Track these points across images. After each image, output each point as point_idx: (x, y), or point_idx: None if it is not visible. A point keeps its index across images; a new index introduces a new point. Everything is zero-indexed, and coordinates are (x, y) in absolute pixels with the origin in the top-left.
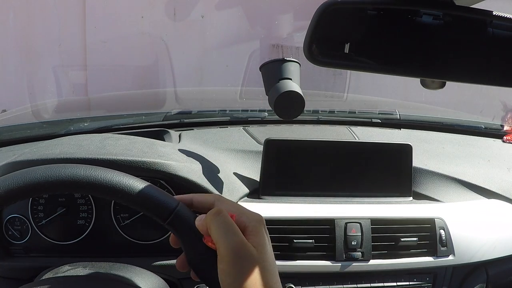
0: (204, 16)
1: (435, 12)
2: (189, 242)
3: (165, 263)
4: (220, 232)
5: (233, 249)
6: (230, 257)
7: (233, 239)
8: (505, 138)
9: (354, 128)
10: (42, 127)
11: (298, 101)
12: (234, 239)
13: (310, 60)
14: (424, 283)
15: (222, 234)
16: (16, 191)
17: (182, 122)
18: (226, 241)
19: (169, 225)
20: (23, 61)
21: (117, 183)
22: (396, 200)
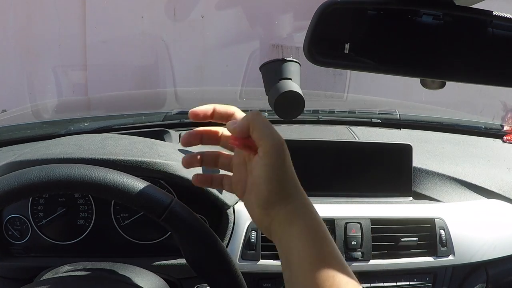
0: (204, 16)
1: (435, 12)
2: (186, 238)
3: (165, 263)
4: (266, 129)
5: (278, 143)
6: (276, 150)
7: (277, 136)
8: (505, 138)
9: (354, 128)
10: (42, 127)
11: (298, 101)
12: (278, 136)
13: (310, 60)
14: (424, 283)
15: (268, 130)
16: (13, 192)
17: (182, 122)
18: (272, 136)
19: (164, 222)
20: (23, 61)
21: (111, 182)
22: (396, 200)
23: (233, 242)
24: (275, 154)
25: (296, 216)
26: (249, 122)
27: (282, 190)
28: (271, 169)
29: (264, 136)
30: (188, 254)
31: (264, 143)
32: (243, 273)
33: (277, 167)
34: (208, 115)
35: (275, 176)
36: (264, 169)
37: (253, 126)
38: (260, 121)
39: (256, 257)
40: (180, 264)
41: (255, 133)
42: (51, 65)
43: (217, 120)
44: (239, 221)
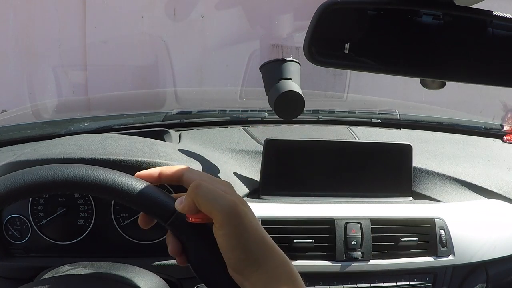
0: (204, 16)
1: (435, 12)
2: (191, 242)
3: (165, 263)
4: (210, 201)
5: (228, 209)
6: (227, 218)
7: (224, 202)
8: (505, 138)
9: (354, 128)
10: (42, 127)
11: (298, 101)
12: (225, 202)
13: (310, 60)
14: (424, 283)
15: (212, 201)
16: (17, 191)
17: (182, 122)
18: (218, 206)
19: (170, 226)
20: (23, 61)
21: (119, 184)
22: (396, 200)
23: None
24: (230, 223)
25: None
26: (192, 199)
27: (249, 255)
28: (230, 239)
29: (211, 208)
30: (191, 257)
31: (214, 214)
32: None
33: (236, 235)
34: (155, 178)
35: (237, 243)
36: (224, 239)
37: (197, 202)
38: (202, 194)
39: None
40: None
41: (202, 207)
42: (51, 65)
43: (167, 182)
44: None
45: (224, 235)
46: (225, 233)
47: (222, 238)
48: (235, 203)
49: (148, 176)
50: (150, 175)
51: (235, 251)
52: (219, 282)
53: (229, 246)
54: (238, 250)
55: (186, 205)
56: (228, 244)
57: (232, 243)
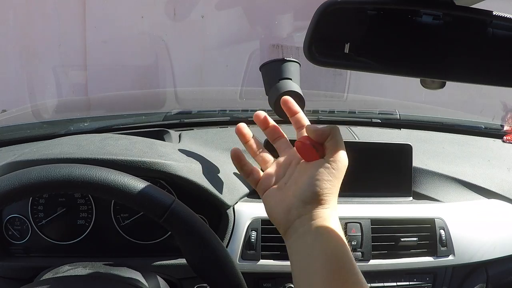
0: (204, 16)
1: (435, 12)
2: (186, 239)
3: (165, 263)
4: (341, 143)
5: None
6: (342, 161)
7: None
8: (505, 138)
9: (354, 128)
10: (42, 127)
11: (298, 101)
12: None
13: (310, 60)
14: (424, 283)
15: (342, 145)
16: (13, 192)
17: (182, 122)
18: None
19: (164, 222)
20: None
21: (112, 182)
22: (396, 200)
23: (233, 242)
24: (341, 165)
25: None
26: (330, 131)
27: (329, 194)
28: (333, 174)
29: (340, 147)
30: (188, 254)
31: (338, 152)
32: (243, 273)
33: (337, 175)
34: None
35: (333, 180)
36: (327, 171)
37: (333, 135)
38: (339, 134)
39: (256, 257)
40: (180, 264)
41: (332, 141)
42: (51, 65)
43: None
44: (239, 221)
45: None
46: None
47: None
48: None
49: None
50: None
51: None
52: (216, 277)
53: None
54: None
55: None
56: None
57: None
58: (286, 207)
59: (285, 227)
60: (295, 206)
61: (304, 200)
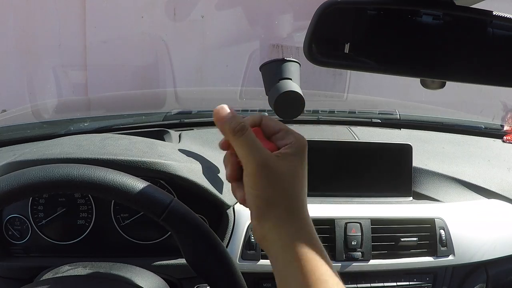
0: (204, 16)
1: (435, 12)
2: (185, 238)
3: (165, 263)
4: (245, 150)
5: (258, 162)
6: (257, 170)
7: (259, 156)
8: (505, 138)
9: (354, 128)
10: (42, 127)
11: (298, 101)
12: (260, 156)
13: (310, 60)
14: (424, 283)
15: (247, 151)
16: (13, 192)
17: (182, 122)
18: (251, 158)
19: (163, 222)
20: (23, 61)
21: (111, 181)
22: (396, 200)
23: (233, 242)
24: (257, 173)
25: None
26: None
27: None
28: (254, 186)
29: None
30: (188, 254)
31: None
32: (243, 273)
33: (260, 185)
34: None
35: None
36: (247, 185)
37: (232, 145)
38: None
39: (256, 257)
40: (180, 264)
41: (237, 153)
42: (51, 65)
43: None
44: (239, 221)
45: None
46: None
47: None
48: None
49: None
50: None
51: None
52: (216, 276)
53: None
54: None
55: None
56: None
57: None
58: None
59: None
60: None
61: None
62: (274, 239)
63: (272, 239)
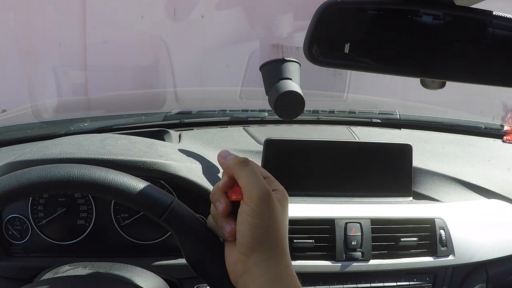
0: (204, 16)
1: (435, 12)
2: (186, 238)
3: (165, 263)
4: (251, 179)
5: (264, 192)
6: (260, 199)
7: (264, 185)
8: (505, 138)
9: (354, 128)
10: (42, 127)
11: (298, 101)
12: (264, 185)
13: (310, 60)
14: (424, 283)
15: (253, 180)
16: (12, 192)
17: (182, 122)
18: (257, 186)
19: (164, 222)
20: (23, 61)
21: (111, 182)
22: (396, 200)
23: None
24: (261, 203)
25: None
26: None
27: (267, 239)
28: (256, 215)
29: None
30: (188, 254)
31: (249, 191)
32: None
33: (262, 215)
34: None
35: (261, 222)
36: (250, 215)
37: (238, 175)
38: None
39: None
40: (180, 264)
41: (239, 180)
42: (51, 65)
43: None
44: None
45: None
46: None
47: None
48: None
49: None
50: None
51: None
52: (216, 277)
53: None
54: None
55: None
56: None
57: (256, 221)
58: (233, 260)
59: (234, 281)
60: (239, 260)
61: (242, 252)
62: (259, 274)
63: (256, 274)
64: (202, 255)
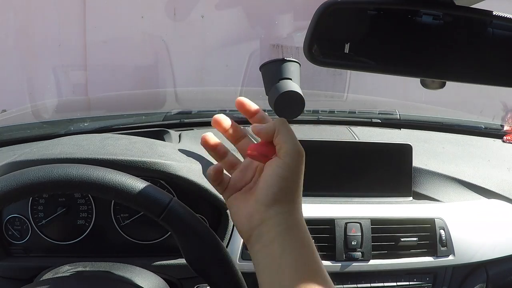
0: (204, 16)
1: (435, 12)
2: (185, 238)
3: (165, 263)
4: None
5: (300, 149)
6: (297, 155)
7: (299, 144)
8: (505, 138)
9: (354, 128)
10: (42, 127)
11: (298, 101)
12: (299, 144)
13: (310, 60)
14: (424, 283)
15: (292, 137)
16: (12, 192)
17: (182, 122)
18: (294, 142)
19: (163, 221)
20: (23, 61)
21: (110, 181)
22: (396, 200)
23: (233, 242)
24: (296, 158)
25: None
26: (275, 127)
27: (291, 193)
28: (288, 169)
29: (288, 140)
30: (187, 254)
31: (288, 146)
32: (243, 273)
33: (294, 169)
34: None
35: (291, 176)
36: (282, 168)
37: (279, 130)
38: (287, 127)
39: None
40: (180, 264)
41: (280, 136)
42: (51, 65)
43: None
44: None
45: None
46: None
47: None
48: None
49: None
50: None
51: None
52: (216, 276)
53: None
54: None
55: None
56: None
57: (288, 174)
58: (248, 212)
59: (247, 234)
60: (257, 211)
61: (264, 203)
62: (277, 223)
63: (274, 223)
64: (202, 254)
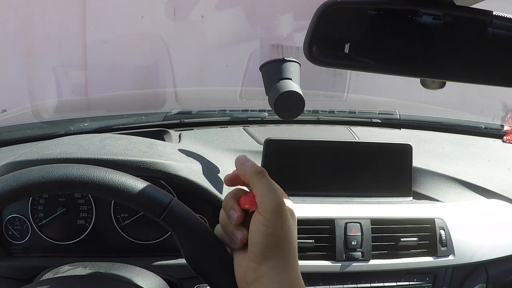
0: (204, 16)
1: (435, 12)
2: (185, 238)
3: (165, 263)
4: (267, 189)
5: (278, 203)
6: (274, 209)
7: (278, 197)
8: (505, 138)
9: (354, 128)
10: (42, 127)
11: (298, 101)
12: (279, 197)
13: (310, 60)
14: (424, 283)
15: (269, 190)
16: (11, 193)
17: (182, 122)
18: (272, 196)
19: (163, 222)
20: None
21: (110, 181)
22: (396, 200)
23: None
24: (276, 212)
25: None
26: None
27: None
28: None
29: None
30: (187, 254)
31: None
32: None
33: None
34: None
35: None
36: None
37: (253, 183)
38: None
39: None
40: (180, 264)
41: (255, 190)
42: (51, 65)
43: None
44: None
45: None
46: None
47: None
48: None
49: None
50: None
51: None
52: (216, 276)
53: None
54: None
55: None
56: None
57: (267, 229)
58: (243, 269)
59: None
60: (250, 268)
61: (254, 260)
62: (270, 281)
63: (267, 282)
64: (202, 254)
